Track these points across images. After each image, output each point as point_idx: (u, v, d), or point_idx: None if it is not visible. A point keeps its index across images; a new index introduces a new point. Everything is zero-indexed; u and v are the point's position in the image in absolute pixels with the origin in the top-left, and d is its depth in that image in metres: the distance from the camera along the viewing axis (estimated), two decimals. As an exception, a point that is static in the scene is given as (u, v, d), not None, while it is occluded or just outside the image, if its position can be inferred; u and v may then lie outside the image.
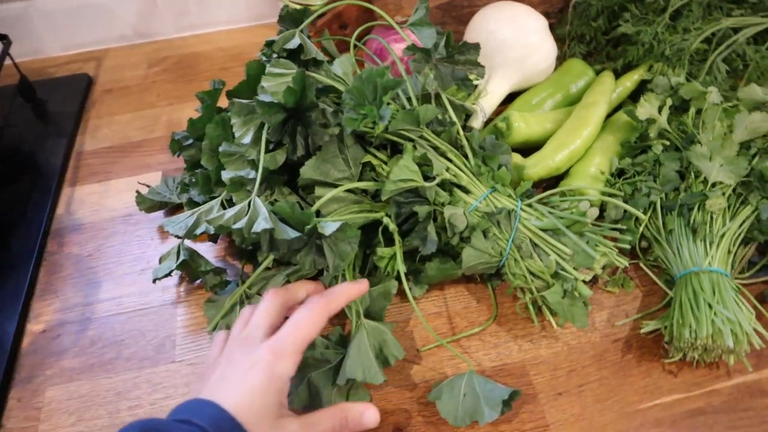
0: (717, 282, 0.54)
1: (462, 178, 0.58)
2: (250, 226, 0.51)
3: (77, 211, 0.75)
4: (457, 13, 0.87)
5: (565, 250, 0.55)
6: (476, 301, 0.62)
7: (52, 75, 0.94)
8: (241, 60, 0.94)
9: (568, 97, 0.77)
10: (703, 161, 0.61)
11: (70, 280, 0.68)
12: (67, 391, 0.58)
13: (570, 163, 0.67)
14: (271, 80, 0.56)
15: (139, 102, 0.88)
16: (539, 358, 0.57)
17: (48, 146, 0.82)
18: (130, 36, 0.98)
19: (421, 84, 0.63)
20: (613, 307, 0.60)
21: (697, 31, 0.76)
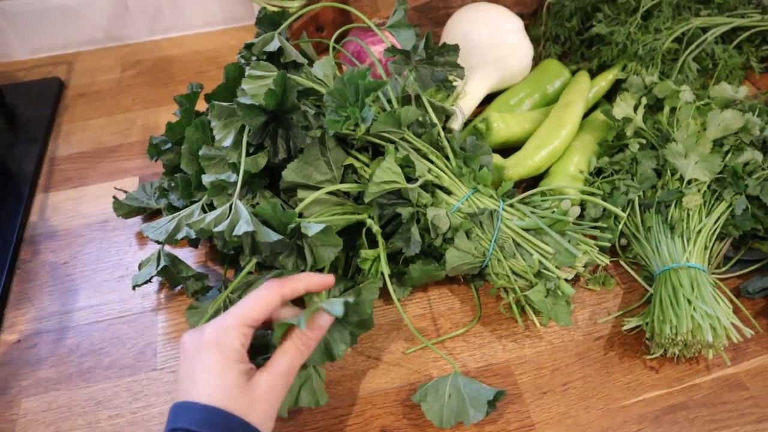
0: (695, 277, 0.55)
1: (444, 179, 0.58)
2: (231, 229, 0.50)
3: (51, 217, 0.73)
4: (433, 14, 0.87)
5: (548, 249, 0.55)
6: (460, 302, 0.62)
7: (21, 79, 0.92)
8: (217, 63, 0.93)
9: (545, 97, 0.78)
10: (679, 159, 0.63)
11: (45, 289, 0.66)
12: (44, 401, 0.57)
13: (549, 163, 0.68)
14: (252, 83, 0.55)
15: (113, 106, 0.87)
16: (523, 358, 0.57)
17: (19, 152, 0.80)
18: (102, 39, 0.96)
19: (401, 86, 0.63)
20: (594, 305, 0.61)
21: (668, 30, 0.78)
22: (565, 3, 0.84)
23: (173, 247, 0.68)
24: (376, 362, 0.58)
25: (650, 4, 0.79)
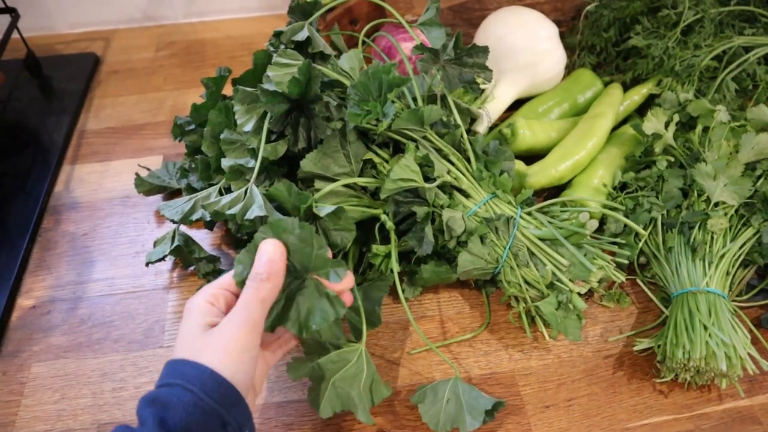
0: (714, 303, 0.54)
1: (463, 181, 0.58)
2: (243, 212, 0.51)
3: (76, 189, 0.74)
4: (468, 15, 0.86)
5: (562, 261, 0.54)
6: (469, 306, 0.61)
7: (59, 52, 0.94)
8: (250, 49, 0.93)
9: (575, 107, 0.77)
10: (707, 180, 0.61)
11: (64, 258, 0.67)
12: (53, 368, 0.58)
13: (573, 174, 0.67)
14: (277, 70, 0.55)
15: (144, 85, 0.88)
16: (529, 369, 0.56)
17: (51, 123, 0.82)
18: (139, 18, 0.98)
19: (428, 84, 0.62)
20: (607, 321, 0.60)
21: (708, 48, 0.76)
22: (604, 13, 0.83)
23: (189, 228, 0.68)
24: (380, 360, 0.57)
25: (692, 19, 0.77)
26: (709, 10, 0.77)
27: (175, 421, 0.36)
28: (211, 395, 0.37)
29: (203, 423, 0.36)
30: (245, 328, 0.40)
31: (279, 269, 0.43)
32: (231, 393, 0.38)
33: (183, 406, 0.36)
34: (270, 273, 0.42)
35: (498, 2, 0.86)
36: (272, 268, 0.42)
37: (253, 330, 0.41)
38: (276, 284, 0.43)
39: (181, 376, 0.38)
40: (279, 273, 0.43)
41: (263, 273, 0.42)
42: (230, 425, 0.38)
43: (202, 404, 0.37)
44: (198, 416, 0.36)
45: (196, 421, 0.36)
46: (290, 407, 0.55)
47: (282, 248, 0.43)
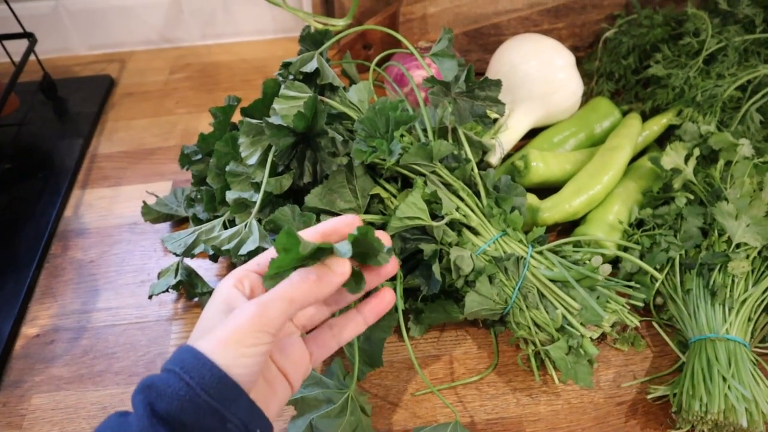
0: (734, 352, 0.51)
1: (472, 218, 0.56)
2: (238, 247, 0.50)
3: (85, 214, 0.74)
4: (483, 41, 0.85)
5: (574, 304, 0.52)
6: (477, 347, 0.59)
7: (76, 74, 0.95)
8: (263, 72, 0.93)
9: (591, 137, 0.75)
10: (729, 219, 0.58)
11: (70, 285, 0.67)
12: (54, 400, 0.57)
13: (588, 209, 0.65)
14: (284, 103, 0.55)
15: (157, 108, 0.88)
16: (537, 415, 0.54)
17: (64, 146, 0.82)
18: (155, 40, 0.98)
19: (439, 116, 0.61)
20: (620, 366, 0.57)
21: (731, 77, 0.73)
22: (623, 39, 0.81)
23: (195, 258, 0.68)
24: (382, 401, 0.56)
25: (714, 48, 0.75)
26: (734, 38, 0.75)
27: (167, 411, 0.33)
28: (208, 390, 0.33)
29: (198, 419, 0.33)
30: (253, 324, 0.35)
31: (337, 278, 0.37)
32: (229, 388, 0.34)
33: (178, 400, 0.33)
34: (323, 278, 0.37)
35: (514, 28, 0.84)
36: (329, 275, 0.37)
37: (261, 329, 0.36)
38: (321, 292, 0.37)
39: (180, 364, 0.34)
40: (333, 283, 0.37)
41: (314, 274, 0.37)
42: (231, 422, 0.34)
43: (198, 400, 0.33)
44: (192, 411, 0.33)
45: (190, 416, 0.33)
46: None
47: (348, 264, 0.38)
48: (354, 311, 0.44)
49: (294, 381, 0.41)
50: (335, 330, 0.43)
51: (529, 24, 0.84)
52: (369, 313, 0.44)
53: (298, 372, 0.41)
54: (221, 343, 0.35)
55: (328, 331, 0.43)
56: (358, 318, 0.43)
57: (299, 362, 0.41)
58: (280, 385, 0.40)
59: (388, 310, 0.44)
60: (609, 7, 0.85)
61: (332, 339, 0.43)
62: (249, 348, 0.35)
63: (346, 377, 0.53)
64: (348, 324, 0.43)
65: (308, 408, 0.50)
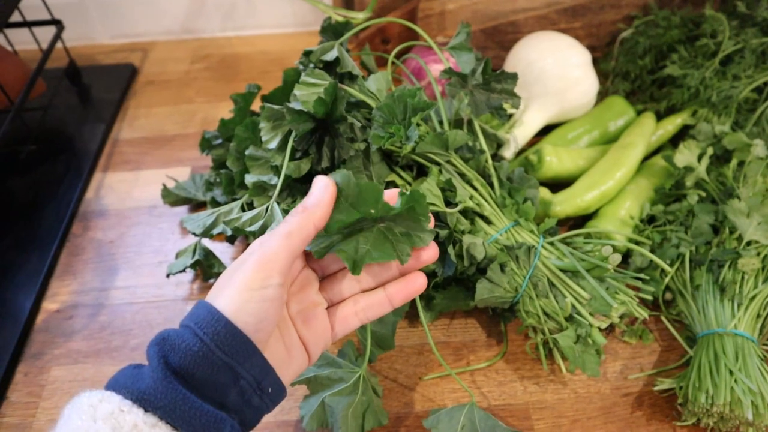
0: (741, 347, 0.52)
1: (485, 208, 0.57)
2: (263, 230, 0.51)
3: (105, 196, 0.76)
4: (500, 38, 0.86)
5: (583, 293, 0.53)
6: (486, 335, 0.60)
7: (99, 62, 0.97)
8: (282, 65, 0.95)
9: (605, 134, 0.75)
10: (740, 217, 0.59)
11: (89, 264, 0.69)
12: (72, 372, 0.59)
13: (600, 204, 0.66)
14: (304, 89, 0.56)
15: (178, 96, 0.90)
16: (544, 403, 0.55)
17: (86, 130, 0.84)
18: (177, 31, 1.00)
19: (455, 108, 0.62)
20: (628, 358, 0.58)
21: (748, 79, 0.74)
22: (640, 40, 0.81)
23: (212, 241, 0.69)
24: (393, 384, 0.57)
25: (731, 49, 0.75)
26: (751, 40, 0.75)
27: (180, 365, 0.33)
28: (222, 346, 0.34)
29: (212, 374, 0.34)
30: (256, 266, 0.36)
31: (323, 201, 0.38)
32: (244, 344, 0.34)
33: (191, 355, 0.33)
34: (309, 206, 0.38)
35: (532, 26, 0.85)
36: (315, 200, 0.38)
37: (264, 266, 0.36)
38: (313, 219, 0.38)
39: (195, 319, 0.34)
40: (322, 204, 0.38)
41: (301, 206, 0.38)
42: (244, 378, 0.35)
43: (212, 356, 0.33)
44: (205, 366, 0.33)
45: (203, 371, 0.33)
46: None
47: (331, 188, 0.39)
48: (381, 290, 0.43)
49: (313, 352, 0.41)
50: (359, 307, 0.43)
51: (547, 23, 0.85)
52: (397, 295, 0.43)
53: (318, 344, 0.42)
54: (230, 293, 0.35)
55: (353, 306, 0.43)
56: (384, 299, 0.43)
57: (321, 334, 0.42)
58: (299, 352, 0.40)
59: (417, 294, 0.43)
60: (626, 7, 0.85)
61: (355, 316, 0.43)
62: (255, 291, 0.35)
63: (358, 358, 0.54)
64: (374, 303, 0.43)
65: (321, 387, 0.51)
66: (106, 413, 0.31)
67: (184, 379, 0.33)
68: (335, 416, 0.49)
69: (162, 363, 0.33)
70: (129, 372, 0.34)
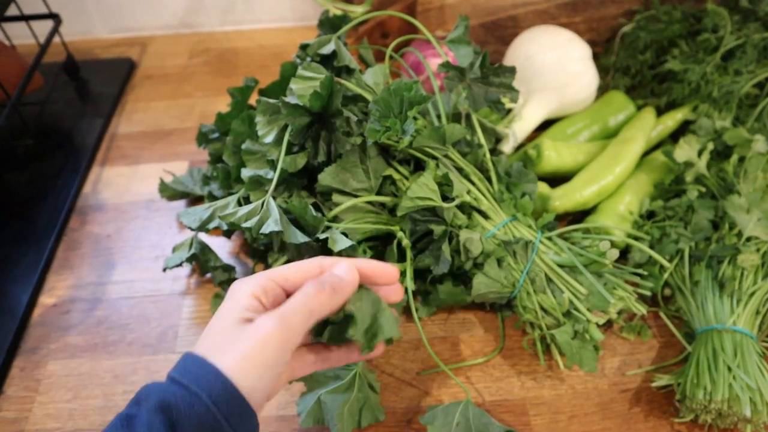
0: (740, 343, 0.51)
1: (483, 202, 0.57)
2: (259, 226, 0.51)
3: (103, 191, 0.76)
4: (500, 32, 0.85)
5: (581, 289, 0.52)
6: (483, 330, 0.60)
7: (97, 56, 0.96)
8: (281, 59, 0.92)
9: (605, 129, 0.75)
10: (740, 213, 0.58)
11: (87, 258, 0.69)
12: (68, 367, 0.59)
13: (599, 199, 0.65)
14: (300, 83, 0.56)
15: (176, 91, 0.90)
16: (541, 399, 0.55)
17: (84, 125, 0.84)
18: (176, 25, 1.00)
19: (453, 102, 0.61)
20: (626, 354, 0.57)
21: (749, 74, 0.73)
22: (640, 35, 0.81)
23: (208, 235, 0.69)
24: (390, 379, 0.56)
25: (733, 45, 0.75)
26: (753, 35, 0.74)
27: None
28: (230, 421, 0.33)
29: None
30: (276, 341, 0.34)
31: (348, 287, 0.38)
32: (243, 409, 0.34)
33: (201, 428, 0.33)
34: (336, 287, 0.37)
35: (532, 21, 0.84)
36: (341, 284, 0.38)
37: (286, 344, 0.35)
38: (335, 302, 0.38)
39: (208, 390, 0.33)
40: (345, 291, 0.38)
41: (328, 284, 0.37)
42: None
43: (213, 423, 0.33)
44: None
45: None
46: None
47: (356, 271, 0.39)
48: None
49: (273, 395, 0.40)
50: (322, 356, 0.43)
51: (547, 17, 0.85)
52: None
53: (280, 387, 0.41)
54: (245, 362, 0.34)
55: (316, 355, 0.43)
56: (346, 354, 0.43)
57: (283, 381, 0.41)
58: None
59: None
60: (627, 2, 0.85)
61: (316, 363, 0.43)
62: (271, 368, 0.34)
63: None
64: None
65: (317, 384, 0.51)
66: None
67: None
68: (331, 413, 0.48)
69: None
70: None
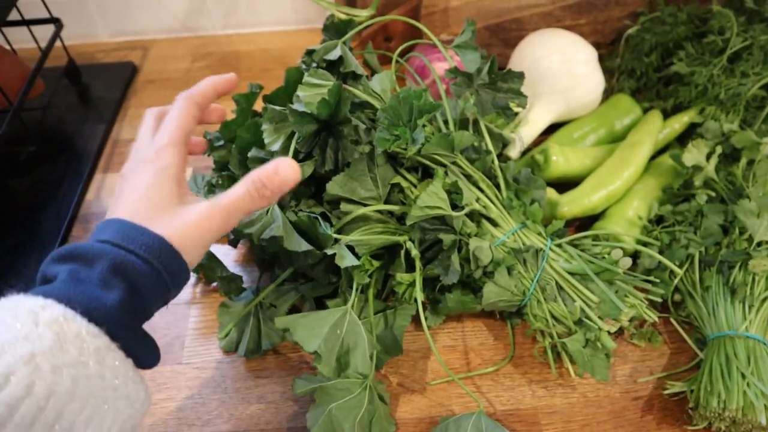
0: (753, 350, 0.51)
1: (492, 210, 0.56)
2: (261, 232, 0.50)
3: (106, 198, 0.75)
4: (504, 35, 0.85)
5: (592, 297, 0.52)
6: (493, 338, 0.59)
7: (99, 60, 0.96)
8: (283, 63, 0.94)
9: (611, 133, 0.74)
10: (750, 217, 0.58)
11: (90, 267, 0.68)
12: (74, 379, 0.58)
13: (607, 204, 0.65)
14: (307, 90, 0.55)
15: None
16: (553, 407, 0.54)
17: (86, 130, 0.83)
18: (178, 29, 0.99)
19: (461, 108, 0.61)
20: (637, 361, 0.57)
21: (756, 76, 0.73)
22: (646, 37, 0.80)
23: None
24: (400, 389, 0.56)
25: (739, 46, 0.74)
26: (759, 36, 0.74)
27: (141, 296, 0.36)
28: (174, 281, 0.38)
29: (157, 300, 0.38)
30: (219, 226, 0.40)
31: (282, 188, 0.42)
32: (185, 272, 0.39)
33: (152, 287, 0.37)
34: (273, 194, 0.42)
35: (536, 23, 0.84)
36: (276, 190, 0.42)
37: (221, 231, 0.41)
38: (271, 202, 0.43)
39: (158, 256, 0.36)
40: (281, 189, 0.42)
41: (269, 190, 0.41)
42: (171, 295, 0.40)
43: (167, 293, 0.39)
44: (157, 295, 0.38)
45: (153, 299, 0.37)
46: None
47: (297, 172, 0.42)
48: None
49: None
50: None
51: (552, 19, 0.84)
52: None
53: None
54: (189, 239, 0.38)
55: None
56: None
57: None
58: None
59: None
60: (632, 4, 0.84)
61: None
62: (205, 248, 0.41)
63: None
64: None
65: (327, 398, 0.50)
66: (49, 319, 0.31)
67: None
68: (342, 426, 0.48)
69: (128, 295, 0.35)
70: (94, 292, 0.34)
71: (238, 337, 0.58)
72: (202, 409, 0.55)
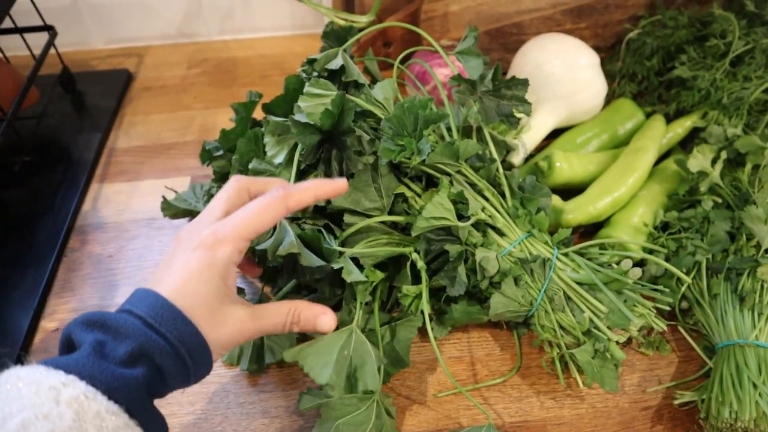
0: (764, 359, 0.50)
1: (498, 219, 0.55)
2: (275, 248, 0.49)
3: (103, 209, 0.74)
4: (504, 40, 0.84)
5: (601, 307, 0.51)
6: (500, 348, 0.59)
7: (94, 67, 0.94)
8: (281, 68, 0.93)
9: (615, 138, 0.74)
10: (758, 224, 0.57)
11: (88, 280, 0.67)
12: (73, 395, 0.57)
13: (612, 211, 0.64)
14: (309, 101, 0.54)
15: (175, 103, 0.88)
16: (561, 419, 0.53)
17: (82, 139, 0.82)
18: (173, 35, 0.98)
19: (464, 115, 0.60)
20: (645, 370, 0.56)
21: (759, 80, 0.73)
22: (647, 40, 0.80)
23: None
24: (406, 401, 0.55)
25: (741, 50, 0.74)
26: (761, 39, 0.74)
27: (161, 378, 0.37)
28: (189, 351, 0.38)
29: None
30: (249, 336, 0.42)
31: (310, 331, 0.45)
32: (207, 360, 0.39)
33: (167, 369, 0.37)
34: (301, 329, 0.45)
35: (537, 27, 0.83)
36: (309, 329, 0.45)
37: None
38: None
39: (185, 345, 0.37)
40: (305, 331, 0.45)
41: (300, 326, 0.45)
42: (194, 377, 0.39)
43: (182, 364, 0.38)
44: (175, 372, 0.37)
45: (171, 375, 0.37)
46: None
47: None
48: None
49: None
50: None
51: (552, 23, 0.84)
52: None
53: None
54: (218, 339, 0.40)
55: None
56: None
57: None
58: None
59: None
60: (632, 7, 0.84)
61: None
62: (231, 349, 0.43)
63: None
64: None
65: (333, 413, 0.49)
66: (70, 398, 0.31)
67: None
68: None
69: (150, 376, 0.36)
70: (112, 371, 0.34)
71: (241, 351, 0.57)
72: (205, 425, 0.54)
